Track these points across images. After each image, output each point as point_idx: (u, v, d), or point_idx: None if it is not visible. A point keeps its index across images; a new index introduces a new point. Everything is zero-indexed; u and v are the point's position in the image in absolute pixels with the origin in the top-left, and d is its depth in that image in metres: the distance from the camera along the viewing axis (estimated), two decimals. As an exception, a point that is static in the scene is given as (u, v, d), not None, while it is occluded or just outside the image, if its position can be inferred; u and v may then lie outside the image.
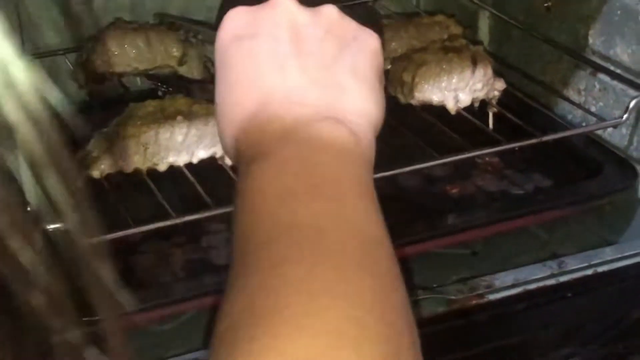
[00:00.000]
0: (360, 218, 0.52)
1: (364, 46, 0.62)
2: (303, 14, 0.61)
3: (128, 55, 1.22)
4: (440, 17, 1.35)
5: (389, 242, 0.52)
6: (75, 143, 1.11)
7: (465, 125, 1.21)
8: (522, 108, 1.27)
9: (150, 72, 1.24)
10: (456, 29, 1.34)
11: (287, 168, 0.54)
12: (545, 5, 1.31)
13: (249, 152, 0.57)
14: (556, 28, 1.29)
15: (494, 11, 1.42)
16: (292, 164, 0.55)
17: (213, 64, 1.05)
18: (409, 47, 1.29)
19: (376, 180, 1.14)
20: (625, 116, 1.12)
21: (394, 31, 1.32)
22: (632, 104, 1.11)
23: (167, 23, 1.29)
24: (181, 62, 1.22)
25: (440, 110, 1.21)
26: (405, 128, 1.19)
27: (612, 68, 1.18)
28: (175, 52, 1.24)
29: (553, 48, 1.29)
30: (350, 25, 0.62)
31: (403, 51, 1.28)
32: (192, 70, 1.25)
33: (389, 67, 1.25)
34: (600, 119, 1.19)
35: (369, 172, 0.58)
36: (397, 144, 1.17)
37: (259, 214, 0.51)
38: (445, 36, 1.30)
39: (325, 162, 0.55)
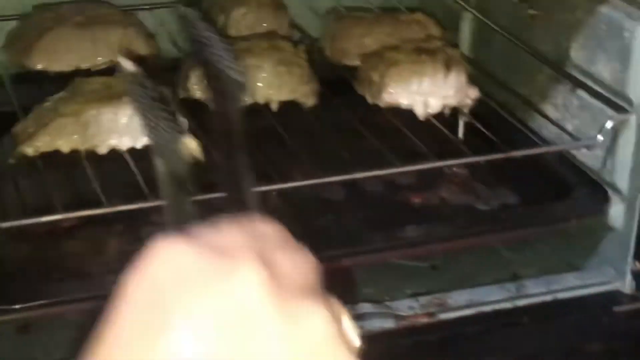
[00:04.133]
0: None
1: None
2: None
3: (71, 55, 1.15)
4: (419, 16, 1.29)
5: None
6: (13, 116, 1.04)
7: (433, 133, 1.14)
8: (496, 119, 1.21)
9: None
10: (435, 30, 1.28)
11: None
12: (530, 12, 1.24)
13: None
14: (539, 38, 1.23)
15: (478, 14, 1.35)
16: None
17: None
18: (383, 45, 1.23)
19: (336, 184, 1.06)
20: (599, 137, 1.05)
21: (368, 26, 1.25)
22: (607, 125, 1.05)
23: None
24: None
25: (408, 115, 1.15)
26: (369, 130, 1.13)
27: (592, 85, 1.12)
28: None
29: (534, 58, 1.22)
30: None
31: (376, 48, 1.21)
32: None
33: (358, 63, 1.19)
34: (575, 138, 1.12)
35: None
36: (359, 147, 1.11)
37: None
38: (423, 36, 1.23)
39: None
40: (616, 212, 1.09)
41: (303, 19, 1.41)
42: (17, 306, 0.88)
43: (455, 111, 1.17)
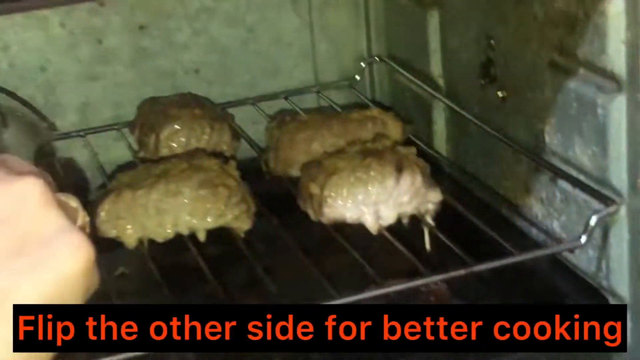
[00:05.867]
0: None
1: None
2: None
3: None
4: (374, 112, 1.12)
5: None
6: None
7: (390, 249, 0.96)
8: (472, 224, 1.02)
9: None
10: (394, 125, 1.10)
11: None
12: (500, 95, 1.06)
13: None
14: (512, 123, 1.04)
15: (447, 101, 1.18)
16: None
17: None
18: (333, 149, 1.05)
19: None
20: (583, 238, 0.86)
21: (315, 129, 1.08)
22: (592, 221, 0.86)
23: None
24: None
25: (359, 231, 0.97)
26: (315, 255, 0.95)
27: (573, 173, 0.93)
28: None
29: (511, 148, 1.04)
30: None
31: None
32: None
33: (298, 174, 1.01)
34: (557, 239, 0.93)
35: None
36: (302, 275, 0.94)
37: None
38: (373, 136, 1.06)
39: None
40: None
41: (255, 126, 1.25)
42: None
43: (416, 219, 0.98)
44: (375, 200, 0.95)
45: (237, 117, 1.24)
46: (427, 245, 0.99)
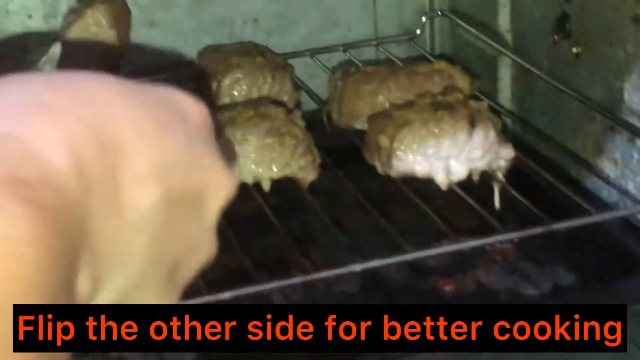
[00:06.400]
0: None
1: None
2: None
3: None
4: (441, 65, 1.08)
5: None
6: None
7: (460, 205, 0.94)
8: (542, 181, 0.99)
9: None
10: (462, 80, 1.07)
11: None
12: (574, 51, 1.03)
13: None
14: (587, 80, 1.01)
15: (515, 57, 1.14)
16: None
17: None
18: (399, 102, 1.03)
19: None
20: (666, 199, 0.83)
21: (380, 81, 1.05)
22: (676, 182, 0.83)
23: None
24: None
25: (428, 184, 0.94)
26: (383, 207, 0.93)
27: (654, 132, 0.90)
28: None
29: (583, 105, 1.01)
30: None
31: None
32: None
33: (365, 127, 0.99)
34: (635, 200, 0.90)
35: None
36: (372, 228, 0.91)
37: None
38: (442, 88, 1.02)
39: None
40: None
41: (313, 80, 1.23)
42: None
43: (487, 176, 0.96)
44: (447, 154, 0.92)
45: (295, 69, 1.21)
46: (497, 203, 0.96)
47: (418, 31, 1.32)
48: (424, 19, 1.33)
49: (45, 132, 0.34)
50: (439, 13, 1.32)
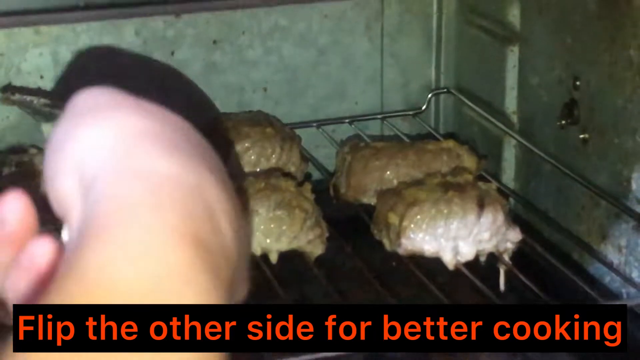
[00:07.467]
0: None
1: None
2: None
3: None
4: (449, 143, 1.10)
5: None
6: None
7: (466, 285, 0.94)
8: (546, 265, 1.00)
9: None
10: (469, 160, 1.09)
11: None
12: (582, 137, 1.04)
13: None
14: (593, 166, 1.03)
15: (521, 139, 1.16)
16: None
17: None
18: (407, 179, 1.04)
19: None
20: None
21: (389, 157, 1.06)
22: (683, 275, 0.83)
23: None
24: None
25: (434, 264, 0.95)
26: (388, 284, 0.93)
27: (660, 223, 0.91)
28: None
29: (589, 191, 1.02)
30: None
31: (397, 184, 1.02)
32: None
33: (374, 203, 1.00)
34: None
35: None
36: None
37: None
38: (452, 168, 1.04)
39: None
40: None
41: (318, 150, 1.24)
42: None
43: (493, 258, 0.96)
44: (455, 235, 0.93)
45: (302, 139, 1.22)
46: (502, 286, 0.97)
47: (423, 107, 1.34)
48: (429, 95, 1.35)
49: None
50: (445, 90, 1.34)
